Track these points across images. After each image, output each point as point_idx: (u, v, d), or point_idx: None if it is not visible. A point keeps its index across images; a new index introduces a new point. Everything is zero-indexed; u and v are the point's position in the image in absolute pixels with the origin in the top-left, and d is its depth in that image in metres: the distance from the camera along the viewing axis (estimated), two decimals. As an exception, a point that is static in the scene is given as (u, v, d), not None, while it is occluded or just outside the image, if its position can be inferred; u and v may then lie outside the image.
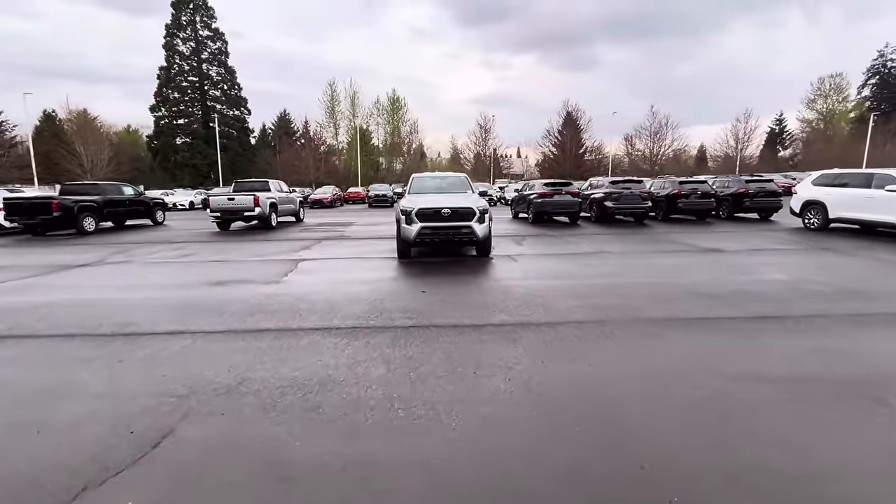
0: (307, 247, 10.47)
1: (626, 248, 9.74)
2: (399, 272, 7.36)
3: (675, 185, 15.86)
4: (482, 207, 8.14)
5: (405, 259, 8.47)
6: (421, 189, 9.52)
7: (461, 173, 10.58)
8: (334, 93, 63.00)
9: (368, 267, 7.89)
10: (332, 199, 30.36)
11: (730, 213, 16.37)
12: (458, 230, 7.92)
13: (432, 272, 7.33)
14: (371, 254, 9.31)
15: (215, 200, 13.95)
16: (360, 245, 10.81)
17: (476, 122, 63.83)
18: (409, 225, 7.99)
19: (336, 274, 7.37)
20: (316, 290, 6.05)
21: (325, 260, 8.70)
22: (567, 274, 7.04)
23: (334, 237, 12.48)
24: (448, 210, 7.89)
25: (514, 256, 8.69)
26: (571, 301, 5.34)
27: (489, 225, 8.32)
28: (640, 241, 10.93)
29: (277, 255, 9.23)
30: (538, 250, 9.62)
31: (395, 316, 4.84)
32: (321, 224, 16.87)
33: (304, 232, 13.92)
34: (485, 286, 6.24)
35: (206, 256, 9.33)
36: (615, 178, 15.98)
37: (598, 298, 5.45)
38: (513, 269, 7.47)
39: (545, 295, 5.65)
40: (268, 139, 64.35)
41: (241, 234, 13.47)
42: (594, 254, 8.99)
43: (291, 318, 4.81)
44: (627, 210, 15.10)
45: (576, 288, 6.02)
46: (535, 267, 7.72)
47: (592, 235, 12.15)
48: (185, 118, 55.90)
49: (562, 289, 5.97)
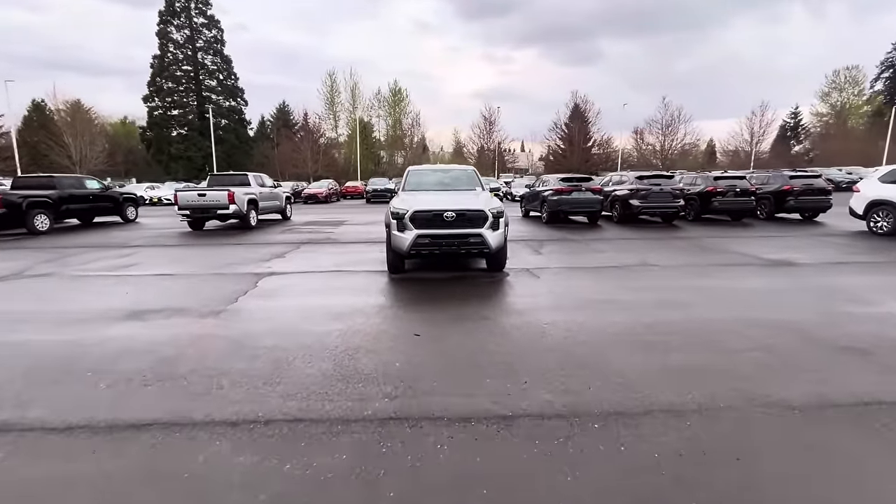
0: (282, 254, 8.67)
1: (671, 258, 7.89)
2: (387, 296, 5.55)
3: (710, 181, 13.96)
4: (496, 210, 6.32)
5: (397, 275, 6.67)
6: (419, 185, 7.68)
7: (468, 166, 8.73)
8: (334, 83, 60.92)
9: (349, 286, 6.08)
10: (328, 193, 28.53)
11: (770, 214, 14.47)
12: (464, 240, 6.09)
13: (430, 297, 5.53)
14: (356, 265, 7.50)
15: (184, 197, 12.14)
16: (347, 252, 9.00)
17: (480, 114, 61.51)
18: (402, 232, 6.18)
19: (303, 299, 5.57)
20: (264, 331, 4.25)
21: (297, 275, 6.89)
22: (613, 301, 5.21)
23: (319, 240, 10.67)
24: (452, 213, 6.07)
25: (534, 271, 6.87)
26: (638, 357, 3.52)
27: (505, 232, 6.49)
28: (682, 249, 9.07)
29: (240, 267, 7.43)
30: (563, 261, 7.78)
31: (369, 391, 3.03)
32: (309, 223, 15.06)
33: (287, 233, 12.11)
34: (503, 325, 4.43)
35: (150, 268, 7.53)
36: (642, 173, 14.10)
37: (680, 352, 3.63)
38: (538, 293, 5.65)
39: (595, 342, 3.83)
40: (266, 131, 62.48)
41: (211, 236, 11.67)
42: (636, 267, 7.15)
43: (202, 394, 3.01)
44: (656, 209, 13.23)
45: (635, 329, 4.20)
46: (567, 288, 5.90)
47: (622, 241, 10.30)
48: (180, 109, 54.07)
49: (616, 330, 4.15)
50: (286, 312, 4.90)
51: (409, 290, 5.90)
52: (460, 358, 3.60)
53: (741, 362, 3.43)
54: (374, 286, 6.03)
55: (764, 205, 14.38)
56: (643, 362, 3.43)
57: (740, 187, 13.60)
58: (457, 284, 6.17)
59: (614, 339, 3.92)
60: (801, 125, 64.21)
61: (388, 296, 5.56)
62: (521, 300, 5.29)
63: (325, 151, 56.97)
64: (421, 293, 5.70)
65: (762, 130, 55.31)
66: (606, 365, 3.38)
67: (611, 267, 7.24)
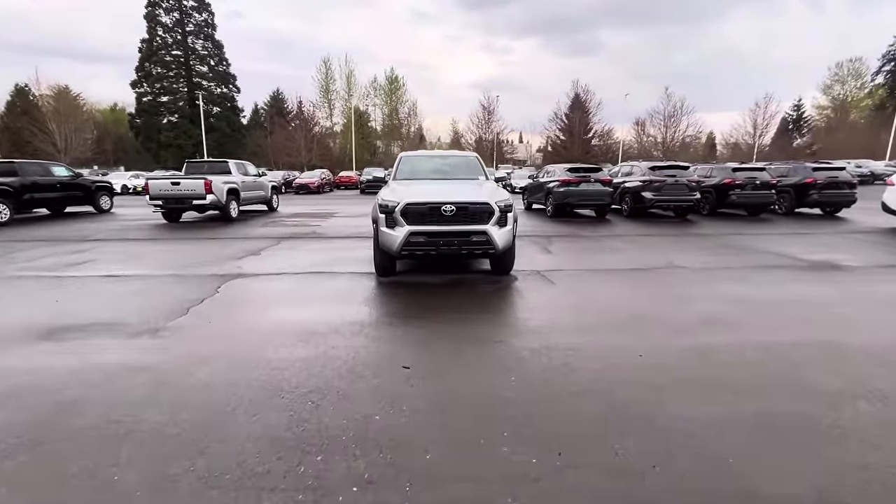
0: (257, 251, 7.66)
1: (699, 259, 6.94)
2: (372, 307, 4.57)
3: (728, 172, 12.99)
4: (503, 203, 5.32)
5: (386, 278, 5.69)
6: (412, 174, 6.66)
7: (470, 153, 7.68)
8: (329, 70, 59.29)
9: (327, 294, 5.10)
10: (321, 183, 27.38)
11: (790, 208, 13.54)
12: (466, 238, 5.11)
13: (425, 310, 4.54)
14: (340, 265, 6.51)
15: (155, 185, 11.05)
16: (332, 248, 7.99)
17: (479, 104, 60.06)
18: (392, 229, 5.18)
19: (268, 311, 4.58)
20: (206, 359, 3.27)
21: (269, 278, 5.89)
22: (648, 317, 4.26)
23: (303, 235, 9.65)
24: (451, 206, 5.07)
25: (546, 274, 5.90)
26: (709, 407, 2.57)
27: (513, 229, 5.51)
28: (708, 248, 8.12)
29: (204, 267, 6.43)
30: (578, 262, 6.81)
31: (332, 470, 2.06)
32: (296, 215, 14.01)
33: (270, 226, 11.08)
34: (516, 352, 3.46)
35: (102, 267, 6.51)
36: (655, 164, 13.11)
37: (761, 398, 2.67)
38: (555, 304, 4.69)
39: (640, 382, 2.88)
40: (260, 120, 60.91)
41: (185, 229, 10.63)
42: (663, 270, 6.20)
43: (78, 477, 2.03)
44: (670, 203, 12.26)
45: (687, 359, 3.25)
46: (588, 298, 4.94)
47: (638, 237, 9.34)
48: (170, 95, 52.47)
49: (663, 361, 3.20)
50: (243, 331, 3.91)
51: (399, 298, 4.92)
52: (464, 407, 2.63)
53: (852, 417, 2.48)
54: (358, 293, 5.04)
55: (783, 199, 13.44)
56: (720, 418, 2.47)
57: (760, 180, 12.64)
58: (456, 291, 5.19)
59: (665, 376, 2.97)
60: (803, 118, 63.28)
61: (374, 306, 4.58)
62: (536, 315, 4.32)
63: (320, 140, 55.63)
64: (413, 303, 4.72)
65: (765, 123, 54.32)
66: (669, 422, 2.43)
67: (634, 269, 6.28)
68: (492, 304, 4.69)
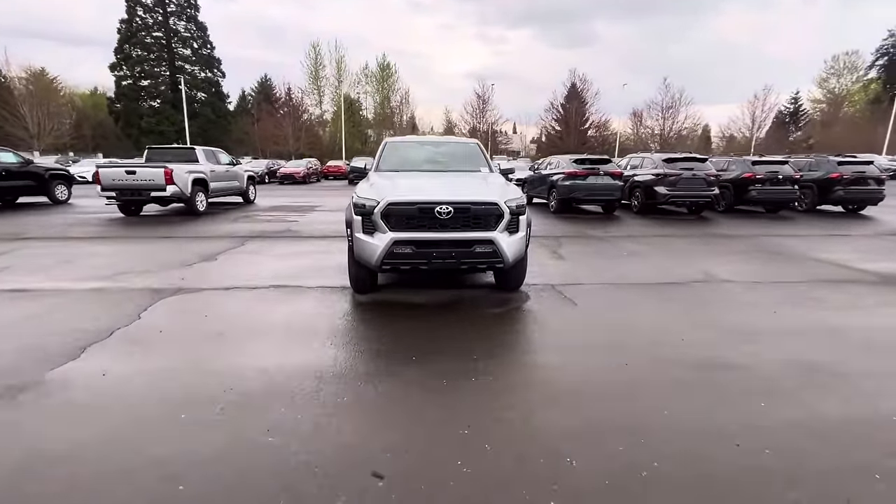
0: (213, 255, 6.40)
1: (741, 269, 5.82)
2: (339, 347, 3.36)
3: (747, 166, 11.88)
4: (515, 203, 4.13)
5: (364, 296, 4.50)
6: (399, 164, 5.42)
7: (471, 139, 6.43)
8: (318, 56, 57.17)
9: (284, 321, 3.88)
10: (307, 173, 25.92)
11: (811, 205, 12.51)
12: (467, 249, 3.92)
13: (410, 352, 3.34)
14: (310, 275, 5.30)
15: (108, 175, 9.66)
16: (305, 252, 6.76)
17: (474, 92, 58.28)
18: (370, 235, 3.98)
19: (195, 352, 3.33)
20: (69, 448, 2.06)
21: (215, 294, 4.66)
22: (719, 366, 3.10)
23: (275, 233, 8.39)
24: (448, 207, 3.87)
25: (563, 290, 4.75)
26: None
27: (527, 236, 4.32)
28: (742, 252, 7.01)
29: (142, 276, 5.18)
30: (597, 272, 5.66)
31: None
32: (274, 208, 12.70)
33: (240, 221, 9.79)
34: (547, 435, 2.30)
35: (12, 277, 5.23)
36: (670, 156, 11.96)
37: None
38: (586, 342, 3.52)
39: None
40: (247, 106, 58.81)
41: (140, 225, 9.30)
42: (705, 285, 5.07)
43: None
44: (686, 199, 11.15)
45: (812, 451, 2.12)
46: (626, 327, 3.77)
47: (657, 238, 8.21)
48: (151, 79, 50.20)
49: (791, 469, 2.06)
50: (140, 397, 2.69)
51: (377, 329, 3.72)
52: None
53: None
54: (325, 321, 3.84)
55: (804, 195, 12.40)
56: None
57: (783, 174, 11.56)
58: (453, 317, 4.01)
59: (795, 493, 1.83)
60: (801, 111, 62.63)
61: (342, 345, 3.38)
62: (566, 361, 3.15)
63: (308, 128, 53.83)
64: (396, 339, 3.53)
65: (764, 116, 53.50)
66: None
67: (667, 284, 5.14)
68: (503, 341, 3.51)
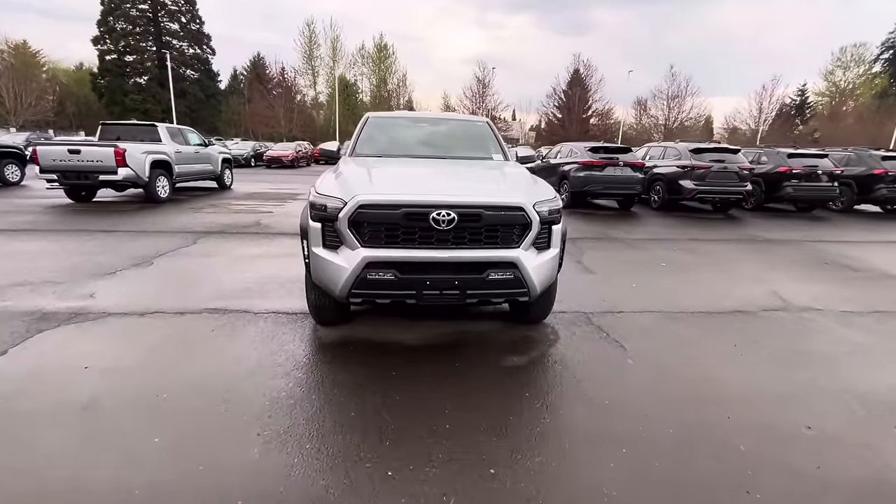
0: (150, 258, 5.08)
1: (812, 289, 4.59)
2: (275, 439, 2.09)
3: (782, 159, 10.60)
4: (548, 205, 2.84)
5: (329, 329, 3.23)
6: (385, 149, 4.06)
7: (480, 117, 5.06)
8: (313, 34, 54.92)
9: (202, 379, 2.59)
10: (296, 157, 24.41)
11: (848, 204, 11.30)
12: (476, 275, 2.64)
13: (385, 448, 2.07)
14: (266, 291, 4.02)
15: (47, 154, 8.22)
16: (268, 255, 5.45)
17: (474, 76, 56.28)
18: (333, 251, 2.69)
19: (45, 440, 2.06)
20: None
21: (124, 322, 3.37)
22: (889, 482, 1.87)
23: (239, 228, 7.05)
24: (449, 212, 2.56)
25: (599, 322, 3.50)
26: None
27: (561, 252, 3.03)
28: (800, 262, 5.78)
29: (40, 290, 3.86)
30: (639, 294, 4.39)
31: None
32: (250, 196, 11.32)
33: (203, 212, 8.42)
34: None
35: None
36: (698, 145, 10.66)
37: None
38: (659, 429, 2.26)
39: None
40: (239, 86, 56.63)
41: (83, 214, 7.91)
42: (781, 315, 3.83)
43: None
44: (715, 195, 9.88)
45: None
46: (706, 396, 2.52)
47: (689, 242, 6.96)
48: (136, 54, 47.96)
49: None
50: None
51: (339, 400, 2.45)
52: None
53: None
54: (266, 376, 2.56)
55: (842, 192, 11.17)
56: None
57: (822, 169, 10.30)
58: (450, 376, 2.74)
59: None
60: (807, 104, 61.24)
61: (279, 441, 2.10)
62: (630, 477, 1.90)
63: (301, 110, 51.89)
64: (364, 425, 2.26)
65: (771, 108, 52.06)
66: None
67: (735, 313, 3.89)
68: (530, 432, 2.24)
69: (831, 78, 59.09)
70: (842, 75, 58.71)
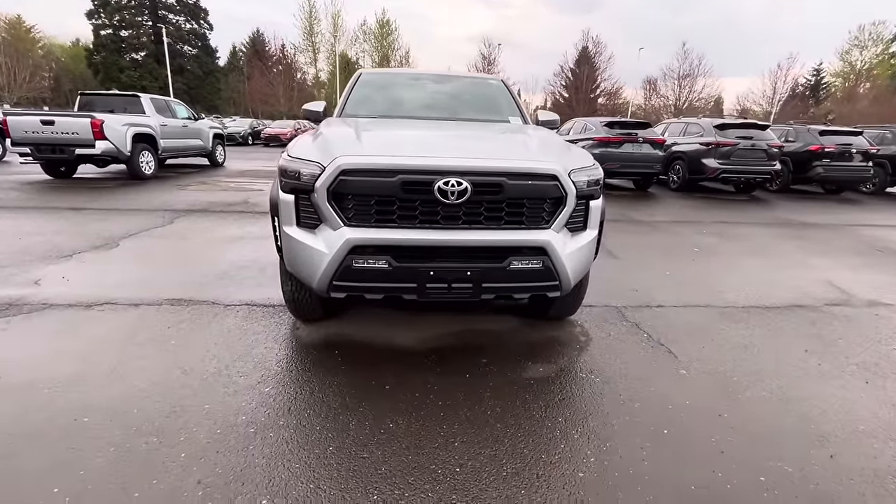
0: (118, 238, 4.49)
1: (871, 279, 3.98)
2: (223, 489, 1.53)
3: (813, 137, 9.83)
4: (586, 174, 2.22)
5: (310, 326, 2.65)
6: (381, 110, 3.41)
7: (493, 76, 4.38)
8: (313, 10, 53.18)
9: (149, 388, 2.03)
10: (294, 135, 23.57)
11: (881, 186, 10.58)
12: (495, 263, 2.04)
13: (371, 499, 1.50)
14: (247, 275, 3.45)
15: (18, 125, 7.55)
16: (252, 236, 4.85)
17: (479, 53, 54.69)
18: (310, 231, 2.08)
19: None
20: None
21: (74, 312, 2.79)
22: None
23: (224, 206, 6.44)
24: (461, 179, 1.94)
25: (637, 319, 2.92)
26: None
27: (597, 238, 2.41)
28: (847, 250, 5.15)
29: (-28, 278, 3.30)
30: (675, 284, 3.78)
31: None
32: (242, 173, 10.67)
33: (188, 189, 7.80)
34: None
35: None
36: (723, 121, 9.91)
37: None
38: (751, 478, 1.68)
39: None
40: (239, 63, 55.28)
41: (57, 190, 7.29)
42: (846, 311, 3.22)
43: None
44: (742, 174, 9.18)
45: None
46: (793, 429, 1.94)
47: (716, 225, 6.33)
48: (132, 28, 46.58)
49: None
50: None
51: (321, 421, 1.88)
52: None
53: None
54: (225, 387, 1.99)
55: (875, 173, 10.43)
56: None
57: (857, 148, 9.55)
58: (458, 392, 2.16)
59: None
60: (822, 84, 59.40)
61: (238, 479, 1.54)
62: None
63: (301, 88, 50.66)
64: (351, 461, 1.69)
65: (785, 88, 50.48)
66: None
67: (791, 308, 3.29)
68: (573, 478, 1.67)
69: (847, 58, 57.09)
70: (858, 55, 56.71)
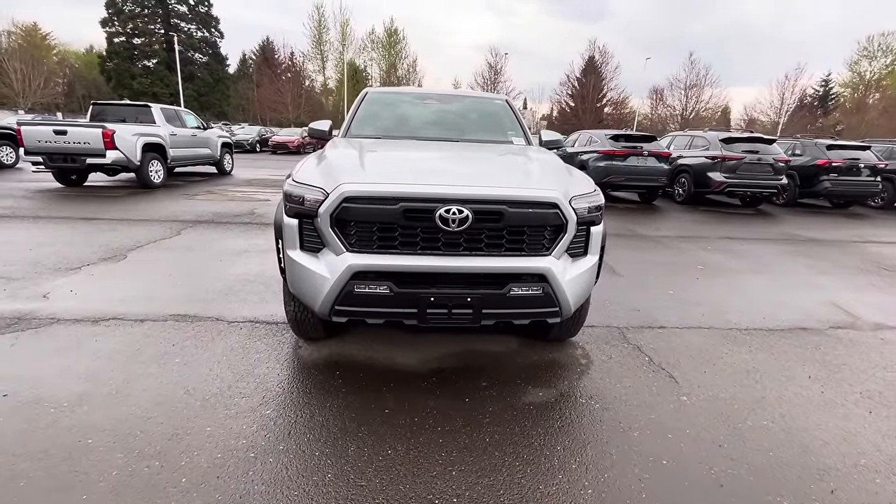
0: (126, 250, 4.56)
1: (879, 300, 3.94)
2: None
3: (820, 151, 9.80)
4: (586, 200, 2.23)
5: (312, 345, 2.68)
6: (385, 129, 3.46)
7: (498, 94, 4.40)
8: (322, 18, 53.90)
9: (147, 410, 2.05)
10: (301, 142, 23.82)
11: (889, 201, 10.50)
12: (495, 290, 2.05)
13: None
14: (252, 290, 3.49)
15: (32, 134, 7.72)
16: (258, 248, 4.90)
17: (485, 62, 55.05)
18: (313, 255, 2.11)
19: None
20: None
21: (80, 328, 2.84)
22: None
23: (231, 216, 6.52)
24: (462, 207, 1.97)
25: (638, 341, 2.92)
26: None
27: (598, 263, 2.42)
28: (855, 269, 5.11)
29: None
30: (679, 303, 3.77)
31: None
32: (249, 182, 10.79)
33: (196, 199, 7.90)
34: None
35: None
36: (729, 135, 9.90)
37: None
38: None
39: None
40: (248, 71, 56.06)
41: (68, 199, 7.41)
42: (850, 334, 3.20)
43: None
44: (748, 188, 9.15)
45: None
46: (797, 463, 1.93)
47: (724, 241, 6.30)
48: (144, 36, 47.44)
49: None
50: None
51: (320, 447, 1.89)
52: None
53: None
54: (227, 409, 2.02)
55: (883, 188, 10.36)
56: None
57: (865, 163, 9.50)
58: (457, 417, 2.17)
59: None
60: (830, 95, 59.11)
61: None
62: None
63: (309, 96, 51.21)
64: (348, 489, 1.71)
65: (793, 98, 50.29)
66: None
67: (795, 330, 3.27)
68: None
69: (856, 68, 56.83)
70: (867, 65, 56.44)
